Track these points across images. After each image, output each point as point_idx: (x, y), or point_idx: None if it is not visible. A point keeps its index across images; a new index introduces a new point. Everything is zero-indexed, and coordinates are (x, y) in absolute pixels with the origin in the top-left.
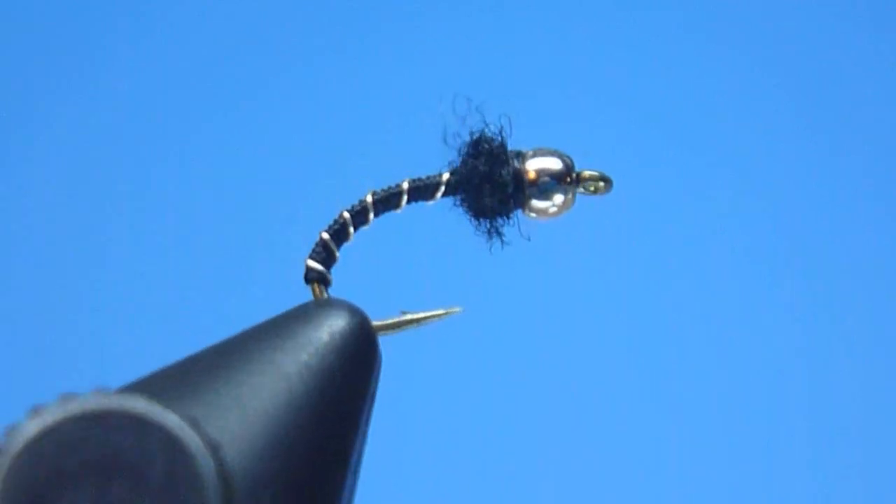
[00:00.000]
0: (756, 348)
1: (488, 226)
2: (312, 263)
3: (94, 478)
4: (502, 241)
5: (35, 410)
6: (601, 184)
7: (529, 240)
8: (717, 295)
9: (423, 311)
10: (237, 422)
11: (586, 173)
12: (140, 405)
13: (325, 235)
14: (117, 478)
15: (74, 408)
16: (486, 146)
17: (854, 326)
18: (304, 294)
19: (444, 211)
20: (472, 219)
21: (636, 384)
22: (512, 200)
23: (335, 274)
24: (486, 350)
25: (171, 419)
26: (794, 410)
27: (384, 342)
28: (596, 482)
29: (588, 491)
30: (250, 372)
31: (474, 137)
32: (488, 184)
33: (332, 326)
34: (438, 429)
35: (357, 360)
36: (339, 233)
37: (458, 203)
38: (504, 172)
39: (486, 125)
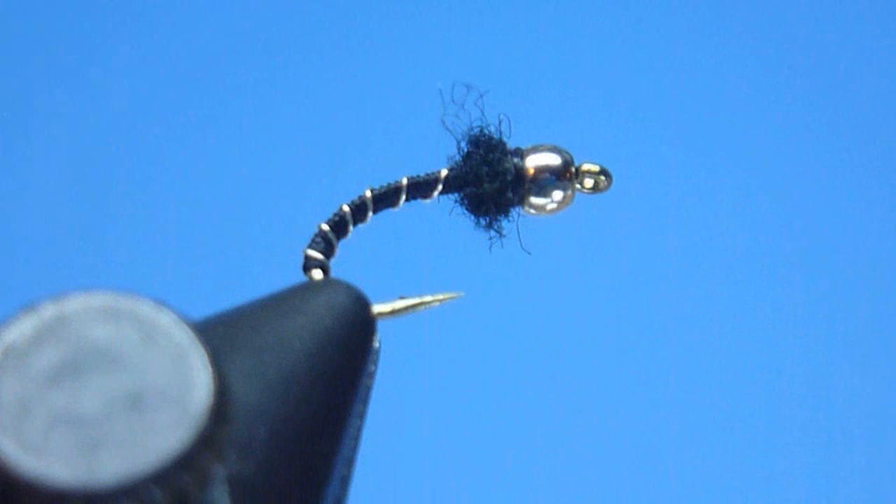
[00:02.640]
0: (756, 346)
1: (487, 223)
2: (312, 252)
3: (92, 374)
4: (501, 238)
5: (32, 307)
6: (601, 178)
7: (530, 254)
8: (718, 294)
9: (422, 296)
10: (242, 362)
11: (585, 166)
12: (149, 306)
13: (325, 227)
14: (115, 374)
15: (81, 303)
16: (485, 143)
17: (856, 326)
18: None
19: (444, 209)
20: (472, 216)
21: (634, 376)
22: (511, 197)
23: (333, 270)
24: (485, 340)
25: (176, 322)
26: (795, 411)
27: (383, 327)
28: (593, 473)
29: (585, 482)
30: (245, 327)
31: (473, 134)
32: (487, 180)
33: (331, 296)
34: (437, 415)
35: (355, 329)
36: (339, 225)
37: (457, 200)
38: (503, 169)
39: (485, 123)
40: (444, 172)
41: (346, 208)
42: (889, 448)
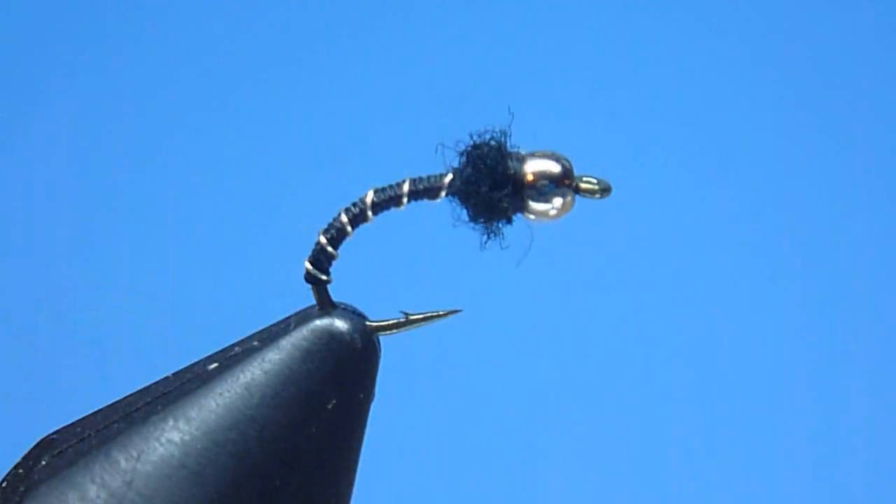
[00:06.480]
0: (758, 350)
1: (487, 227)
2: (310, 267)
3: None
4: (501, 243)
5: None
6: (599, 195)
7: (518, 266)
8: (720, 295)
9: (424, 312)
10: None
11: (584, 185)
12: None
13: (323, 239)
14: None
15: None
16: (487, 149)
17: (859, 327)
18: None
19: (447, 206)
20: (472, 220)
21: (635, 387)
22: (511, 203)
23: (339, 266)
24: (485, 349)
25: None
26: (797, 413)
27: (384, 340)
28: (593, 483)
29: (586, 492)
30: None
31: (475, 140)
32: (487, 187)
33: (322, 363)
34: (437, 428)
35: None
36: (336, 238)
37: (458, 204)
38: (502, 176)
39: (487, 129)
40: (447, 179)
41: (344, 218)
42: (889, 448)
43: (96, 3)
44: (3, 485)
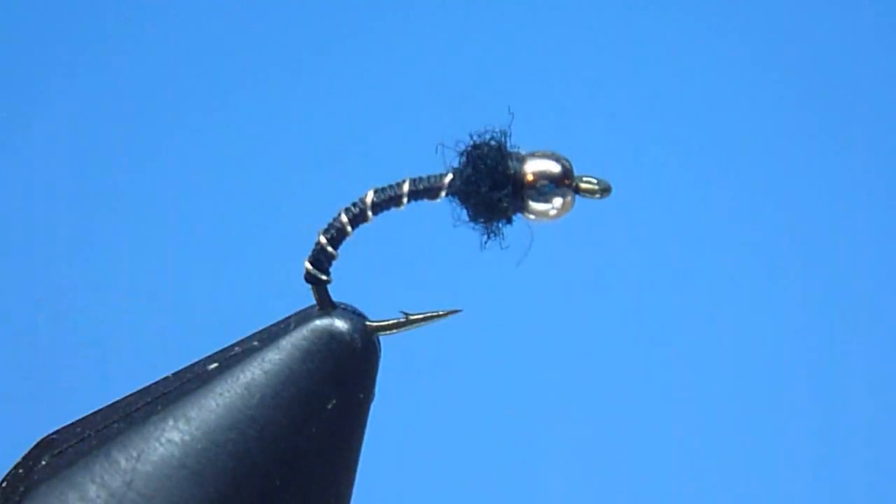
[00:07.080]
0: (758, 350)
1: (487, 227)
2: (310, 267)
3: None
4: (501, 243)
5: None
6: (599, 195)
7: (518, 266)
8: (720, 295)
9: (424, 312)
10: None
11: (584, 185)
12: None
13: (323, 239)
14: None
15: None
16: (486, 149)
17: (859, 327)
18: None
19: (447, 206)
20: (472, 220)
21: (635, 386)
22: (511, 203)
23: (339, 266)
24: (485, 349)
25: None
26: (797, 412)
27: (384, 340)
28: (593, 482)
29: (586, 492)
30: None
31: (475, 140)
32: (487, 187)
33: (322, 364)
34: (437, 428)
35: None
36: (337, 238)
37: (458, 204)
38: (502, 176)
39: (487, 129)
40: (447, 179)
41: (344, 218)
42: (889, 448)
43: (96, 3)
44: (3, 485)
